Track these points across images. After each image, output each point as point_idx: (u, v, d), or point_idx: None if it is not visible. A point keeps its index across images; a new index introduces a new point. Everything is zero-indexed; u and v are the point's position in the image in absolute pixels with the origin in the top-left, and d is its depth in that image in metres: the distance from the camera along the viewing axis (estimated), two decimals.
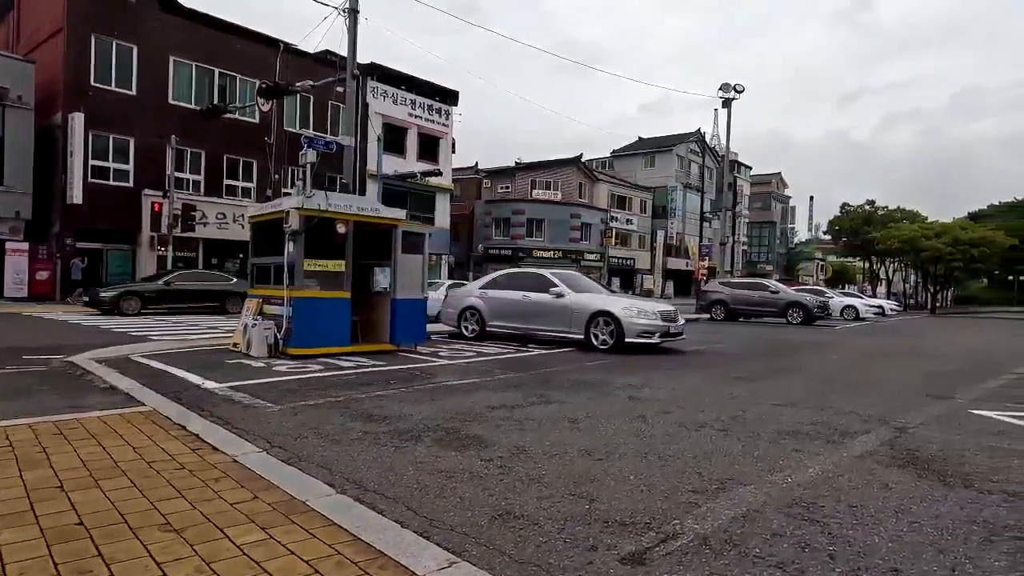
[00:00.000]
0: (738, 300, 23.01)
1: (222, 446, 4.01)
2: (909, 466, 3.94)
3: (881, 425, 5.18)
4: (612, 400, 6.03)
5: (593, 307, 10.95)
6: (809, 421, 5.25)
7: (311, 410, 5.19)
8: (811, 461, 3.99)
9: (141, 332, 12.28)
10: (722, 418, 5.26)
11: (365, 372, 7.59)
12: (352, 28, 14.72)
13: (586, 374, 7.84)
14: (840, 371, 9.01)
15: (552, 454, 4.00)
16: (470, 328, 12.55)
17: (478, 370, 8.05)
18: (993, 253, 40.58)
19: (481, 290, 12.72)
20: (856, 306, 27.29)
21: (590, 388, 6.72)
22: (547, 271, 12.39)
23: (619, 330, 10.54)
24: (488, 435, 4.47)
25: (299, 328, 8.70)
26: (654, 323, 10.61)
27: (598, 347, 10.75)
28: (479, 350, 10.44)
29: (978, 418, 5.62)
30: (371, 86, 31.96)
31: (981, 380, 8.38)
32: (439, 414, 5.15)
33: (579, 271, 47.29)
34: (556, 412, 5.37)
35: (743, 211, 73.59)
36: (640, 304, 11.04)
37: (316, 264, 8.89)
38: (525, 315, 11.81)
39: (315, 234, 8.95)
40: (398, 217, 9.77)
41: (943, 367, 9.96)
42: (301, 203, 8.66)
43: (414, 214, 35.47)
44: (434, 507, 3.03)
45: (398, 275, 9.76)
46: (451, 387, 6.61)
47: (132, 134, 23.25)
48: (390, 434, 4.43)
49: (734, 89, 26.43)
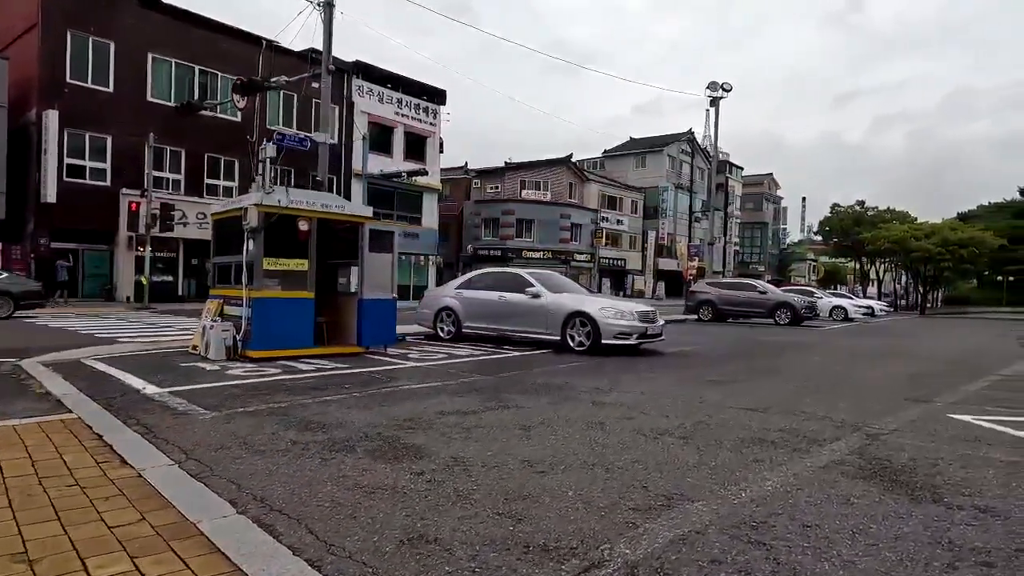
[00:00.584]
0: (726, 301, 22.76)
1: (132, 459, 3.68)
2: (876, 477, 3.65)
3: (853, 431, 4.89)
4: (574, 405, 5.72)
5: (569, 308, 10.65)
6: (778, 428, 4.96)
7: (246, 417, 4.86)
8: (771, 473, 3.70)
9: (111, 334, 11.89)
10: (685, 425, 4.96)
11: (323, 376, 7.26)
12: (327, 21, 14.41)
13: (555, 377, 7.54)
14: (820, 373, 8.73)
15: (491, 466, 3.69)
16: (446, 329, 12.22)
17: (443, 373, 7.74)
18: (982, 253, 40.55)
19: (456, 290, 12.40)
20: (845, 307, 27.12)
21: (554, 392, 6.41)
22: (524, 271, 12.08)
23: (595, 331, 10.24)
24: (428, 445, 4.15)
25: (259, 330, 8.35)
26: (631, 324, 10.32)
27: (574, 349, 10.44)
28: (451, 352, 10.12)
29: (956, 423, 5.35)
30: (356, 84, 31.58)
31: (964, 382, 8.12)
32: (384, 421, 4.83)
33: (569, 272, 47.21)
34: (511, 418, 5.05)
35: (735, 212, 73.54)
36: (618, 304, 10.75)
37: (277, 263, 8.56)
38: (501, 316, 11.50)
39: (277, 232, 8.62)
40: (365, 215, 9.45)
41: (926, 369, 9.71)
42: (260, 199, 8.32)
43: (401, 214, 35.14)
44: (339, 530, 2.71)
45: (365, 274, 9.43)
46: (408, 391, 6.29)
47: (109, 132, 22.81)
48: (322, 444, 4.11)
49: (722, 88, 26.23)
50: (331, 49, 14.61)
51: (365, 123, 31.76)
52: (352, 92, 31.45)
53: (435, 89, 35.90)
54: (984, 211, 60.17)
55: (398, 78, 33.84)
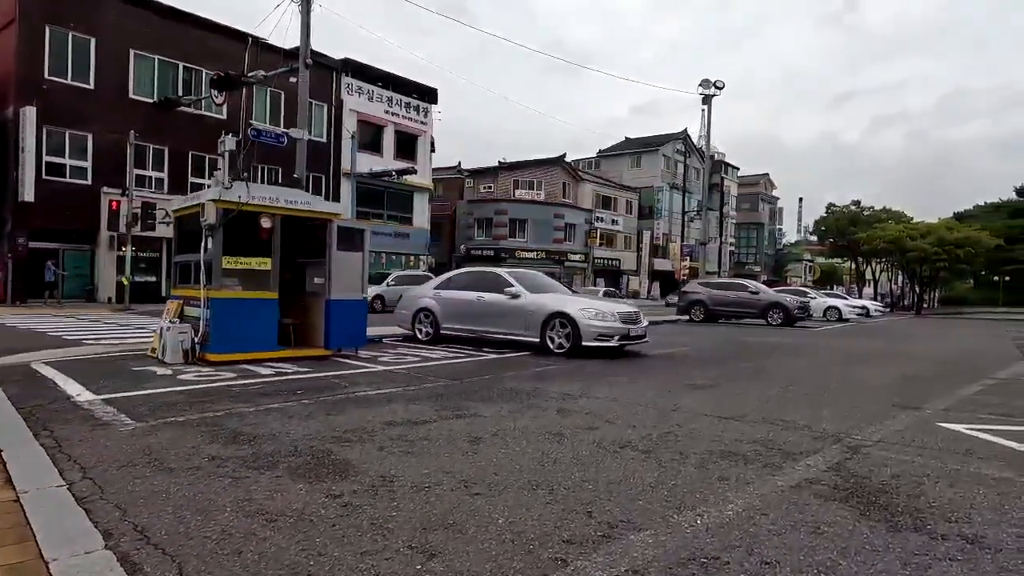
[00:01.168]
0: (717, 301, 22.40)
1: (19, 478, 3.27)
2: (852, 499, 3.26)
3: (834, 443, 4.50)
4: (536, 413, 5.32)
5: (549, 308, 10.26)
6: (752, 439, 4.57)
7: (172, 429, 4.45)
8: (736, 494, 3.30)
9: (80, 336, 11.45)
10: (652, 436, 4.57)
11: (279, 381, 6.85)
12: (305, 13, 13.99)
13: (526, 381, 7.14)
14: (807, 377, 8.35)
15: (422, 486, 3.29)
16: (424, 331, 11.83)
17: (409, 377, 7.34)
18: (979, 253, 40.29)
19: (435, 290, 12.00)
20: (839, 307, 26.76)
21: (520, 398, 6.02)
22: (503, 270, 11.69)
23: (576, 333, 9.85)
24: (361, 460, 3.75)
25: (218, 332, 7.94)
26: (613, 326, 9.93)
27: (554, 351, 10.06)
28: (426, 355, 9.72)
29: (946, 433, 4.96)
30: (346, 83, 31.16)
31: (957, 386, 7.74)
32: (323, 432, 4.43)
33: (563, 272, 46.87)
34: (463, 429, 4.66)
35: (730, 212, 73.20)
36: (599, 305, 10.35)
37: (238, 262, 8.15)
38: (479, 317, 11.10)
39: (239, 230, 8.22)
40: (332, 211, 9.04)
41: (918, 371, 9.34)
42: (218, 195, 7.92)
43: (391, 214, 34.73)
44: (214, 570, 2.31)
45: (333, 274, 9.03)
46: (363, 398, 5.88)
47: (90, 130, 22.37)
48: (242, 460, 3.71)
49: (714, 85, 25.87)
50: (309, 43, 14.20)
51: (354, 122, 31.36)
52: (341, 90, 31.05)
53: (426, 88, 35.51)
54: (980, 211, 59.99)
55: (388, 76, 33.45)
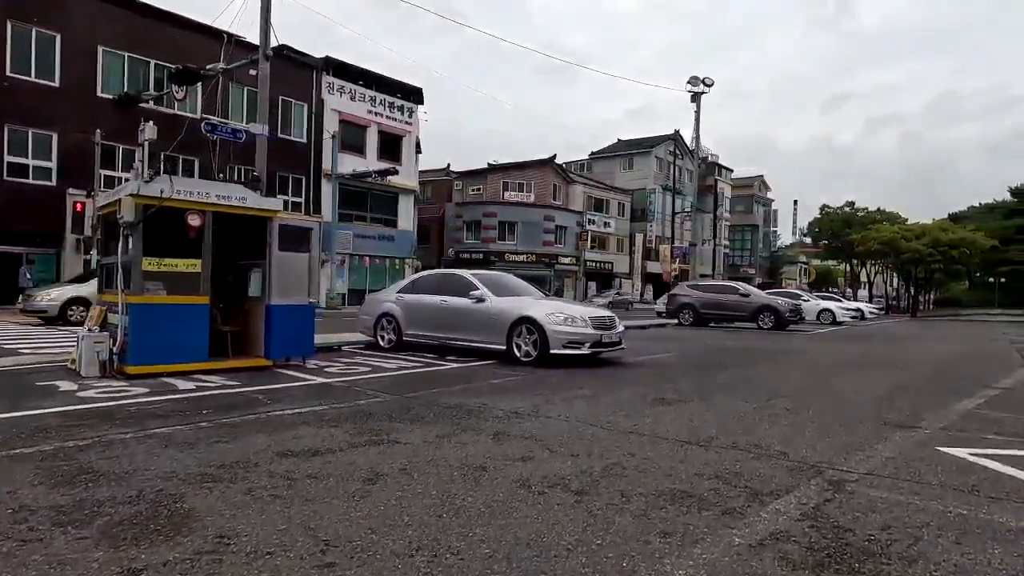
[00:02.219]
0: (707, 304, 21.66)
1: None
2: (830, 566, 2.49)
3: (812, 477, 3.73)
4: (468, 438, 4.54)
5: (515, 313, 9.47)
6: (715, 472, 3.79)
7: (5, 465, 3.65)
8: (676, 560, 2.52)
9: (24, 345, 10.59)
10: (594, 469, 3.79)
11: (193, 397, 6.05)
12: (265, 2, 13.24)
13: (475, 396, 6.35)
14: (792, 388, 7.58)
15: (262, 553, 2.50)
16: (386, 338, 11.04)
17: (345, 392, 6.55)
18: (974, 254, 39.72)
19: (398, 295, 11.22)
20: (832, 310, 26.06)
21: (458, 418, 5.23)
22: (468, 272, 10.91)
23: (543, 339, 9.07)
24: (210, 510, 2.96)
25: (137, 341, 7.14)
26: (583, 332, 9.15)
27: (521, 359, 9.28)
28: (380, 364, 8.93)
29: (946, 460, 4.20)
30: (327, 82, 30.38)
31: (956, 398, 6.99)
32: (192, 467, 3.64)
33: (553, 275, 46.08)
34: (367, 461, 3.87)
35: (724, 214, 72.61)
36: (569, 309, 9.56)
37: (161, 264, 7.35)
38: (442, 322, 10.32)
39: (167, 228, 7.42)
40: (271, 208, 8.25)
41: (913, 380, 8.58)
42: (136, 189, 7.13)
43: (375, 216, 33.91)
44: None
45: (274, 277, 8.23)
46: (274, 419, 5.09)
47: (54, 129, 21.54)
48: (55, 512, 2.91)
49: (703, 83, 25.20)
50: (269, 34, 13.42)
51: (336, 122, 30.59)
52: (322, 89, 30.26)
53: (411, 87, 34.77)
54: (975, 212, 59.55)
55: (372, 75, 32.70)
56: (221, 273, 8.96)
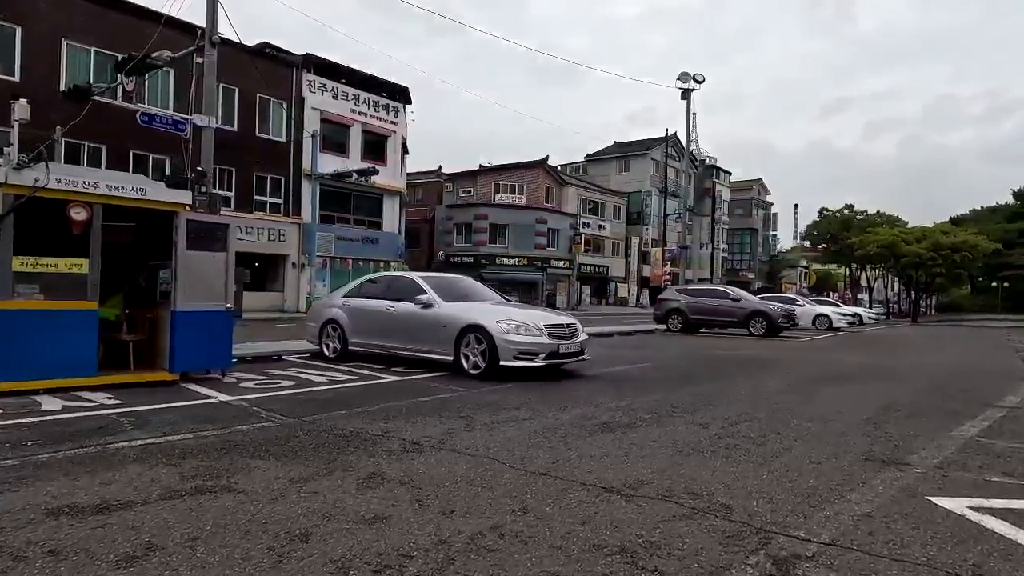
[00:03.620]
0: (696, 309, 20.66)
1: None
2: None
3: (753, 552, 2.74)
4: (328, 483, 3.56)
5: (463, 320, 8.48)
6: (625, 539, 2.81)
7: None
8: None
9: None
10: (456, 539, 2.81)
11: (44, 422, 5.08)
12: None
13: (383, 420, 5.38)
14: (765, 407, 6.59)
15: None
16: (331, 347, 10.08)
17: (236, 415, 5.57)
18: (976, 258, 38.68)
19: (344, 299, 10.26)
20: (829, 315, 25.02)
21: (341, 451, 4.25)
22: (419, 274, 9.96)
23: (492, 350, 8.09)
24: None
25: (5, 353, 6.17)
26: (537, 341, 8.16)
27: (469, 372, 8.30)
28: (310, 378, 7.96)
29: (940, 519, 3.21)
30: (307, 80, 29.46)
31: (954, 420, 6.00)
32: None
33: (546, 279, 45.03)
34: (161, 523, 2.89)
35: (722, 217, 71.60)
36: (523, 316, 8.55)
37: (36, 263, 6.38)
38: (388, 330, 9.36)
39: (47, 222, 6.47)
40: (176, 201, 7.28)
41: (907, 397, 7.58)
42: (4, 177, 6.18)
43: (359, 218, 32.91)
44: None
45: (181, 279, 7.25)
46: (108, 454, 4.11)
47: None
48: None
49: (693, 79, 24.26)
50: (216, 18, 12.52)
51: (317, 120, 29.66)
52: (302, 87, 29.34)
53: (397, 86, 33.85)
54: (977, 215, 58.50)
55: (355, 74, 31.79)
56: (132, 276, 8.04)
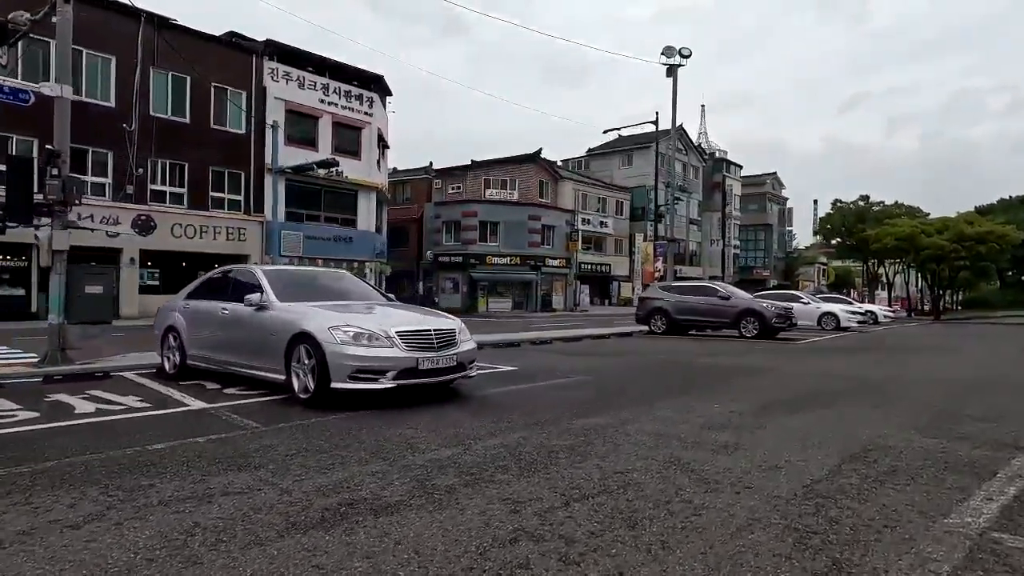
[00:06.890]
0: (682, 309, 18.29)
1: None
2: None
3: None
4: None
5: (295, 326, 6.27)
6: None
7: None
8: None
9: None
10: None
11: None
12: None
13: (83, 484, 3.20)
14: (654, 461, 4.29)
15: None
16: (171, 360, 8.00)
17: None
18: (1004, 250, 35.60)
19: (184, 301, 8.13)
20: (836, 314, 22.46)
21: None
22: (263, 267, 7.78)
23: (323, 366, 5.87)
24: None
25: None
26: (385, 355, 5.91)
27: (299, 396, 6.11)
28: (111, 404, 5.84)
29: None
30: (269, 67, 27.55)
31: (959, 485, 3.66)
32: None
33: (541, 279, 42.56)
34: None
35: (733, 212, 68.73)
36: (371, 321, 6.27)
37: None
38: (222, 340, 7.23)
39: None
40: None
41: (894, 433, 5.22)
42: None
43: (330, 215, 30.85)
44: None
45: None
46: None
47: None
48: None
49: (679, 54, 21.88)
50: None
51: (282, 111, 27.73)
52: (264, 76, 27.44)
53: (370, 75, 31.86)
54: (1004, 205, 54.96)
55: (324, 62, 29.84)
56: None
